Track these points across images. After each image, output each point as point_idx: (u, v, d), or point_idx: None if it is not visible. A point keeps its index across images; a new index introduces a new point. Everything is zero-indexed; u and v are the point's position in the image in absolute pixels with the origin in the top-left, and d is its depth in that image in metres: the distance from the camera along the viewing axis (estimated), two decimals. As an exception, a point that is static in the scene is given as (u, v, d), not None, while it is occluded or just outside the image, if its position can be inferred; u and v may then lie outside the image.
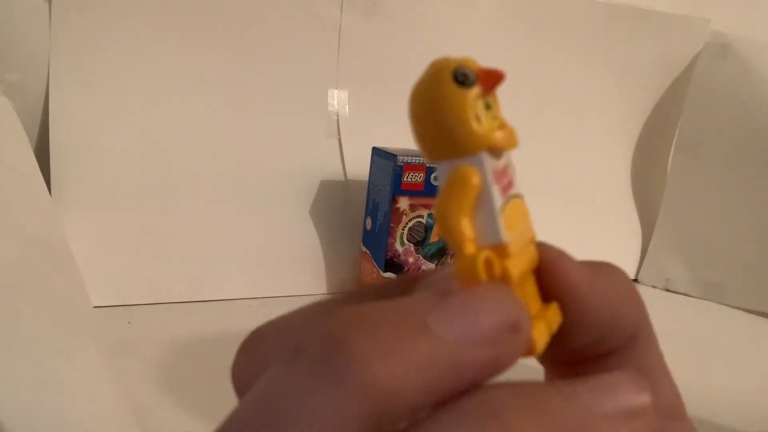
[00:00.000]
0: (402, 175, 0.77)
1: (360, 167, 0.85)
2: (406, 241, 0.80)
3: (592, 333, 0.17)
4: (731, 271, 0.97)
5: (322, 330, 0.13)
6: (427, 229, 0.80)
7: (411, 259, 0.80)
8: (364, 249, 0.83)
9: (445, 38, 0.92)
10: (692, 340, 0.83)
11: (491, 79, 0.16)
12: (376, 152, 0.81)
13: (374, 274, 0.81)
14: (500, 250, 0.16)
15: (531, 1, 0.96)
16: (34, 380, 0.29)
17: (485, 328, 0.13)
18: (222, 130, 0.81)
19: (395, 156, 0.77)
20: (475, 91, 0.16)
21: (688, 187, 1.02)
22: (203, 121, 0.80)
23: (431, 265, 0.82)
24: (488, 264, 0.15)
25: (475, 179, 0.16)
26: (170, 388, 0.58)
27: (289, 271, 0.83)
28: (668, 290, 1.01)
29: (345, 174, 0.86)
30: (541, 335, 0.16)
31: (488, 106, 0.16)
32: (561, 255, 0.18)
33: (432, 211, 0.17)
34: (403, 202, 0.78)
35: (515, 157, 0.19)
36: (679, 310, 0.94)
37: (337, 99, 0.86)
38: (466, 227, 0.16)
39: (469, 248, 0.15)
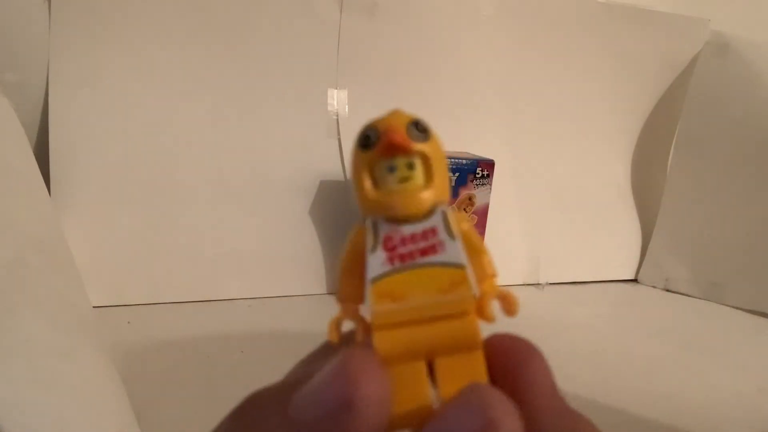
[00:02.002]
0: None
1: (360, 167, 0.85)
2: (406, 241, 0.79)
3: None
4: (731, 271, 0.97)
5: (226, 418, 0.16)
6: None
7: (411, 259, 0.80)
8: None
9: (445, 38, 0.92)
10: (692, 340, 0.83)
11: (385, 145, 0.15)
12: (376, 152, 0.81)
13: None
14: (373, 312, 0.15)
15: (531, 1, 0.96)
16: (33, 380, 0.29)
17: (321, 410, 0.14)
18: (222, 130, 0.81)
19: (395, 156, 0.77)
20: (371, 154, 0.15)
21: (688, 187, 1.02)
22: (203, 121, 0.80)
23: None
24: (360, 321, 0.16)
25: (357, 238, 0.16)
26: (170, 388, 0.58)
27: (289, 271, 0.83)
28: (668, 290, 1.01)
29: (345, 174, 0.86)
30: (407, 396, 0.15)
31: (393, 169, 0.16)
32: (541, 366, 0.16)
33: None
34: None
35: (518, 159, 0.18)
36: (679, 310, 0.94)
37: (337, 99, 0.86)
38: (342, 284, 0.16)
39: (340, 300, 0.16)
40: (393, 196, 0.15)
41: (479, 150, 0.86)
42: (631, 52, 1.03)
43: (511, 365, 0.16)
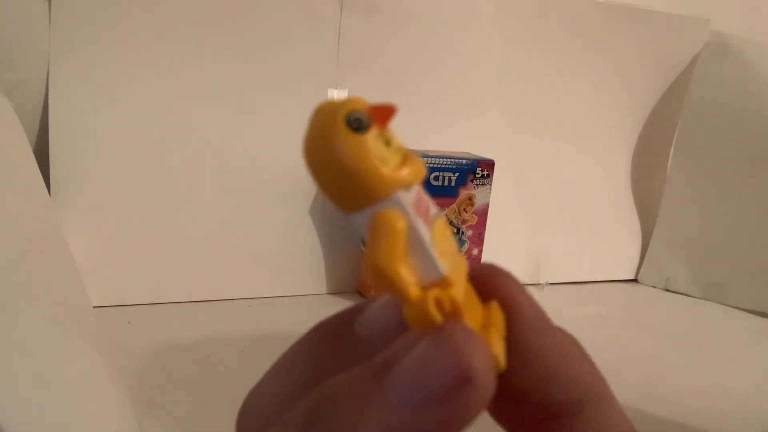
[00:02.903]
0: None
1: (360, 167, 0.85)
2: (406, 241, 0.80)
3: (534, 378, 0.17)
4: (731, 271, 0.97)
5: (299, 414, 0.15)
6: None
7: (411, 259, 0.80)
8: (364, 249, 0.83)
9: (445, 38, 0.92)
10: (692, 340, 0.83)
11: (384, 115, 0.16)
12: (376, 152, 0.81)
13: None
14: (443, 283, 0.15)
15: (531, 1, 0.96)
16: (33, 380, 0.29)
17: (434, 389, 0.13)
18: (222, 130, 0.81)
19: (395, 156, 0.77)
20: (372, 133, 0.15)
21: (688, 187, 1.02)
22: (203, 121, 0.80)
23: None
24: (438, 303, 0.15)
25: (400, 223, 0.15)
26: (170, 388, 0.58)
27: (289, 271, 0.83)
28: (668, 290, 1.01)
29: (345, 174, 0.86)
30: (498, 345, 0.15)
31: (387, 142, 0.16)
32: (521, 292, 0.17)
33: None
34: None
35: (518, 159, 0.19)
36: (679, 310, 0.94)
37: (337, 99, 0.86)
38: (406, 274, 0.15)
39: (415, 292, 0.15)
40: (409, 161, 0.16)
41: (479, 150, 0.86)
42: (631, 52, 1.03)
43: (493, 291, 0.17)
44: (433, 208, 0.17)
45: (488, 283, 0.17)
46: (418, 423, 0.13)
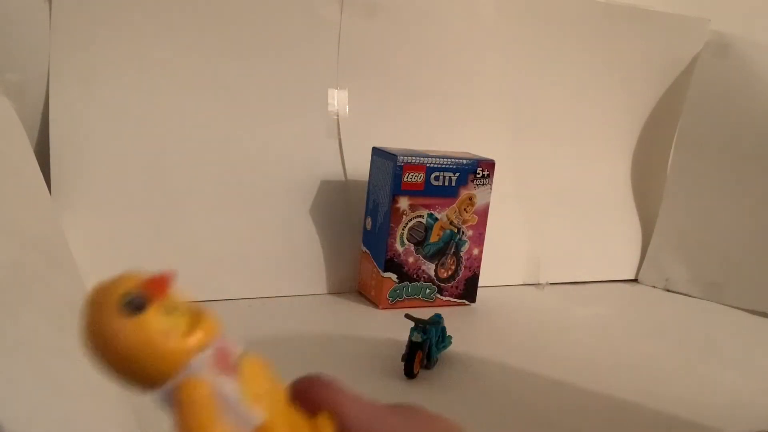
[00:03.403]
0: (402, 175, 0.77)
1: (360, 167, 0.85)
2: (406, 241, 0.80)
3: None
4: (731, 271, 0.97)
5: None
6: (427, 229, 0.80)
7: (411, 259, 0.80)
8: (364, 249, 0.83)
9: (445, 38, 0.92)
10: (692, 340, 0.83)
11: (161, 286, 0.15)
12: (376, 152, 0.81)
13: (374, 274, 0.81)
14: (264, 428, 0.15)
15: (531, 1, 0.96)
16: (33, 380, 0.29)
17: None
18: (222, 130, 0.81)
19: (395, 156, 0.77)
20: (152, 310, 0.15)
21: (688, 187, 1.02)
22: (203, 121, 0.80)
23: (431, 265, 0.82)
24: None
25: (203, 390, 0.15)
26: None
27: (289, 271, 0.83)
28: (668, 290, 1.01)
29: (345, 174, 0.86)
30: None
31: (170, 310, 0.15)
32: (344, 395, 0.18)
33: None
34: (403, 202, 0.78)
35: (518, 159, 0.18)
36: (679, 310, 0.94)
37: (337, 99, 0.86)
38: None
39: None
40: (201, 325, 0.15)
41: (479, 150, 0.86)
42: (631, 52, 1.03)
43: (319, 401, 0.17)
44: (235, 351, 0.16)
45: (312, 395, 0.17)
46: None
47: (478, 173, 0.81)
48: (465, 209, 0.82)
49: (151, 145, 0.77)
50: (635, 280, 1.04)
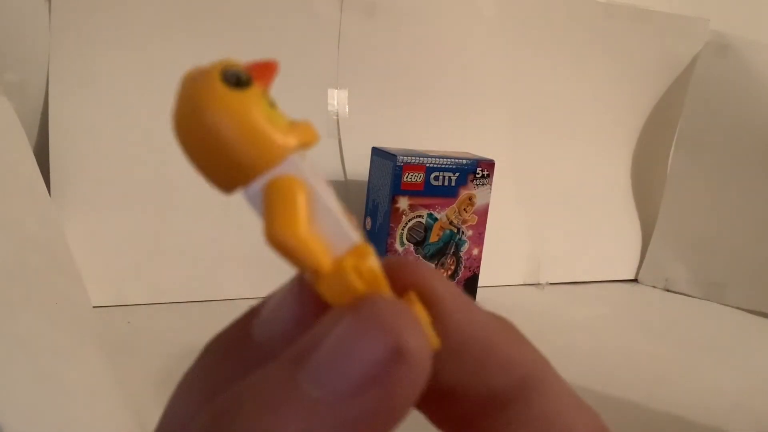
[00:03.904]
0: (402, 175, 0.77)
1: (360, 167, 0.85)
2: (405, 241, 0.80)
3: (466, 367, 0.14)
4: (731, 271, 0.97)
5: (202, 424, 0.12)
6: (427, 229, 0.80)
7: (411, 259, 0.80)
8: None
9: (445, 38, 0.92)
10: (692, 340, 0.83)
11: (266, 72, 0.14)
12: (376, 152, 0.81)
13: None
14: (357, 251, 0.13)
15: (531, 1, 0.96)
16: (33, 380, 0.29)
17: (361, 371, 0.11)
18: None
19: (395, 156, 0.77)
20: (255, 89, 0.13)
21: (688, 187, 1.02)
22: (203, 121, 0.79)
23: (431, 265, 0.82)
24: (357, 272, 0.13)
25: (300, 186, 0.13)
26: (170, 388, 0.58)
27: (289, 271, 0.82)
28: (668, 290, 1.01)
29: (345, 174, 0.86)
30: (426, 322, 0.13)
31: (271, 104, 0.14)
32: (439, 278, 0.15)
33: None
34: (403, 202, 0.78)
35: (518, 159, 0.18)
36: (679, 310, 0.94)
37: (337, 99, 0.86)
38: (313, 242, 0.13)
39: (327, 262, 0.13)
40: (301, 127, 0.14)
41: (479, 150, 0.86)
42: (631, 52, 1.03)
43: (406, 283, 0.14)
44: (317, 171, 0.14)
45: (399, 275, 0.14)
46: (344, 416, 0.11)
47: (478, 173, 0.81)
48: (465, 209, 0.82)
49: (151, 146, 0.77)
50: (635, 280, 1.04)
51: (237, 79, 0.13)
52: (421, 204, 0.79)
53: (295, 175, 0.13)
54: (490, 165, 0.81)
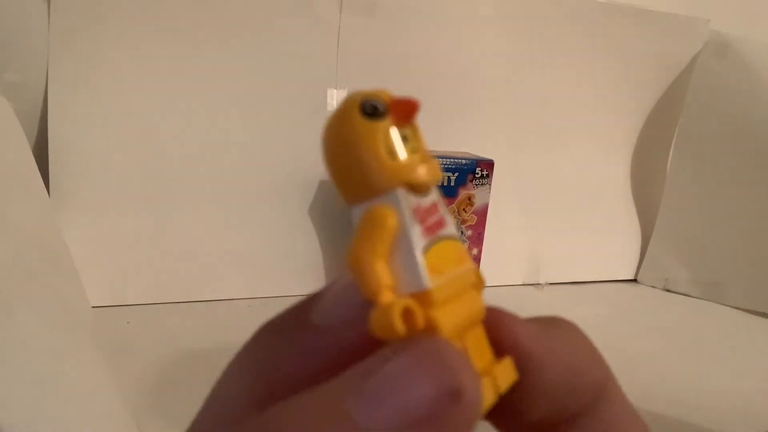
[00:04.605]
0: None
1: (359, 167, 0.85)
2: (405, 241, 0.79)
3: (550, 401, 0.15)
4: (731, 271, 0.97)
5: None
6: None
7: (411, 259, 0.80)
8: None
9: (445, 38, 0.92)
10: (692, 340, 0.83)
11: (405, 109, 0.15)
12: (376, 152, 0.81)
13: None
14: (423, 298, 0.13)
15: (530, 1, 0.96)
16: (31, 380, 0.29)
17: (414, 409, 0.11)
18: (221, 130, 0.80)
19: (395, 156, 0.77)
20: (386, 122, 0.14)
21: (688, 187, 1.02)
22: (202, 121, 0.79)
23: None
24: (407, 314, 0.13)
25: (390, 219, 0.14)
26: (169, 388, 0.58)
27: (289, 271, 0.83)
28: (668, 290, 1.01)
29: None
30: (487, 394, 0.14)
31: (406, 139, 0.15)
32: (505, 314, 0.15)
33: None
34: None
35: (517, 159, 0.18)
36: (678, 310, 0.94)
37: (337, 99, 0.86)
38: (381, 272, 0.13)
39: (386, 297, 0.13)
40: (418, 164, 0.15)
41: (479, 150, 0.86)
42: (631, 52, 1.03)
43: (494, 329, 0.15)
44: (449, 227, 0.15)
45: (495, 328, 0.15)
46: None
47: (477, 173, 0.81)
48: (464, 209, 0.82)
49: (150, 146, 0.77)
50: (635, 280, 1.04)
51: (373, 109, 0.14)
52: (421, 204, 0.79)
53: (392, 209, 0.14)
54: (489, 165, 0.81)
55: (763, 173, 0.96)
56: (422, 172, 0.15)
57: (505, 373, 0.15)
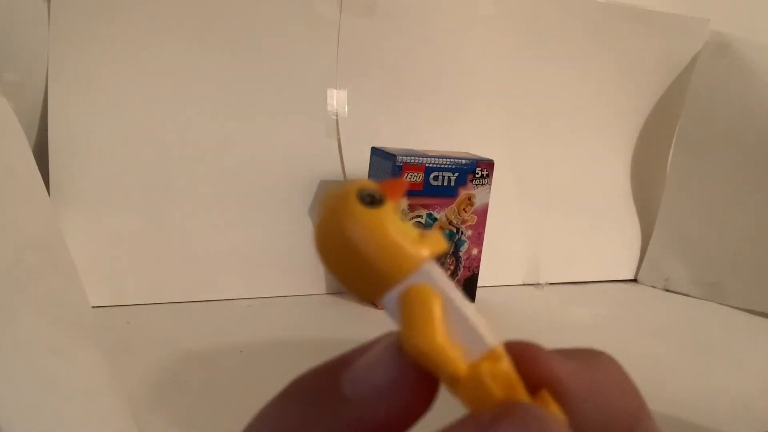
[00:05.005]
0: (401, 174, 0.77)
1: (359, 167, 0.85)
2: (405, 241, 0.79)
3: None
4: (731, 271, 0.97)
5: None
6: (426, 228, 0.80)
7: (410, 259, 0.80)
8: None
9: (445, 38, 0.92)
10: (692, 340, 0.83)
11: (399, 190, 0.15)
12: (375, 152, 0.81)
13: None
14: (491, 356, 0.14)
15: (530, 1, 0.96)
16: (32, 380, 0.29)
17: None
18: (221, 130, 0.80)
19: (394, 156, 0.77)
20: (387, 207, 0.14)
21: (688, 187, 1.02)
22: (202, 121, 0.79)
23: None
24: (493, 377, 0.14)
25: (436, 295, 0.14)
26: (169, 388, 0.58)
27: (289, 271, 0.82)
28: (668, 290, 1.01)
29: (344, 174, 0.86)
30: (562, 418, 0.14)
31: (402, 218, 0.15)
32: (540, 349, 0.16)
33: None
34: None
35: (517, 159, 0.18)
36: (678, 310, 0.94)
37: (337, 99, 0.86)
38: (451, 351, 0.14)
39: (464, 370, 0.14)
40: (431, 237, 0.15)
41: (479, 150, 0.86)
42: (631, 52, 1.03)
43: (528, 367, 0.15)
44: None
45: (523, 366, 0.15)
46: None
47: (477, 173, 0.81)
48: (464, 209, 0.82)
49: (150, 145, 0.77)
50: (635, 280, 1.04)
51: (371, 198, 0.14)
52: (421, 204, 0.79)
53: (429, 284, 0.14)
54: (489, 165, 0.81)
55: (763, 173, 0.96)
56: (439, 241, 0.15)
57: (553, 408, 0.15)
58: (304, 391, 0.15)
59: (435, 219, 0.80)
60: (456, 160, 0.80)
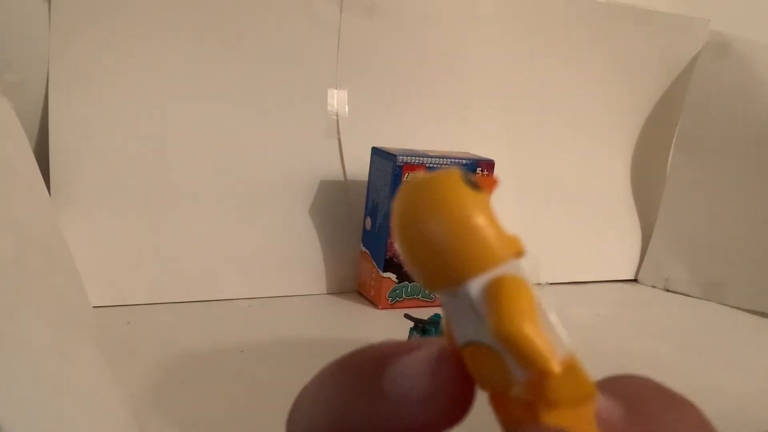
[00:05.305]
0: (401, 175, 0.77)
1: (360, 167, 0.85)
2: (405, 241, 0.79)
3: None
4: (731, 271, 0.97)
5: None
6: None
7: (411, 259, 0.80)
8: (363, 249, 0.83)
9: (445, 38, 0.92)
10: (692, 340, 0.83)
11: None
12: (376, 152, 0.81)
13: (374, 274, 0.81)
14: (571, 361, 0.14)
15: (530, 1, 0.96)
16: (32, 380, 0.29)
17: None
18: (222, 130, 0.81)
19: (395, 156, 0.77)
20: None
21: (688, 187, 1.02)
22: (203, 121, 0.80)
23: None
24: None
25: (527, 287, 0.14)
26: (169, 388, 0.58)
27: (289, 271, 0.83)
28: (668, 290, 1.01)
29: (345, 174, 0.86)
30: None
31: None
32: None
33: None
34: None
35: (517, 159, 0.18)
36: (679, 310, 0.94)
37: (337, 99, 0.86)
38: (547, 341, 0.13)
39: (557, 366, 0.13)
40: (514, 236, 0.15)
41: (479, 150, 0.86)
42: (631, 52, 1.03)
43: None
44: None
45: None
46: None
47: (478, 173, 0.81)
48: (465, 209, 0.82)
49: (151, 145, 0.77)
50: (635, 280, 1.04)
51: (473, 184, 0.14)
52: (421, 204, 0.79)
53: (521, 276, 0.14)
54: (489, 165, 0.81)
55: (763, 173, 0.97)
56: (516, 240, 0.15)
57: None
58: (353, 371, 0.15)
59: (435, 219, 0.80)
60: (456, 160, 0.80)
